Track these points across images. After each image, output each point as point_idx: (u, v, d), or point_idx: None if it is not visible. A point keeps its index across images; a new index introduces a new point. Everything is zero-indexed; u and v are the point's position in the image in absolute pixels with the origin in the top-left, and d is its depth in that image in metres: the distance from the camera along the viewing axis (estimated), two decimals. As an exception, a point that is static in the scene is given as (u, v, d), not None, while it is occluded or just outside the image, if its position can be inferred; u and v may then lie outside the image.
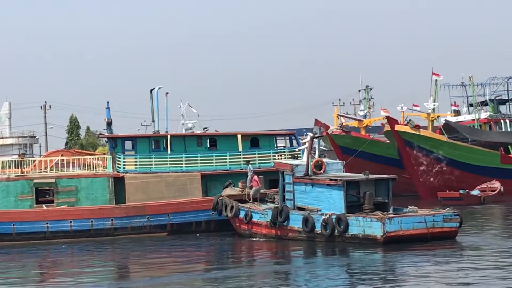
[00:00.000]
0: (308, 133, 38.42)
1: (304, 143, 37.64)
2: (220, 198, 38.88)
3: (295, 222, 35.31)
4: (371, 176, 35.15)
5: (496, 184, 57.50)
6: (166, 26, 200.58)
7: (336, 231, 33.40)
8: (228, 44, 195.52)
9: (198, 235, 39.22)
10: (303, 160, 37.19)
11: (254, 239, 36.95)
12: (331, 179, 34.93)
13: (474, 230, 37.53)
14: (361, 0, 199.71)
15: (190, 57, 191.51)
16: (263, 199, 38.93)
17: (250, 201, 38.36)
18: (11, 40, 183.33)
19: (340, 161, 39.53)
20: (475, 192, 56.64)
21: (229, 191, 39.36)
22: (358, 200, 34.68)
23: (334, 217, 33.52)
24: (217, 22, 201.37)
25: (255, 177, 39.32)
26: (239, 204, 38.14)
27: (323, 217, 33.88)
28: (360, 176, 35.44)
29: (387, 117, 62.68)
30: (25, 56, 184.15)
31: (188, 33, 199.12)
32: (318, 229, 34.15)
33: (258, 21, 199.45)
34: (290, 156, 41.77)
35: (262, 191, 39.30)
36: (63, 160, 42.97)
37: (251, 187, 38.88)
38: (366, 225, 32.72)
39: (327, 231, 33.63)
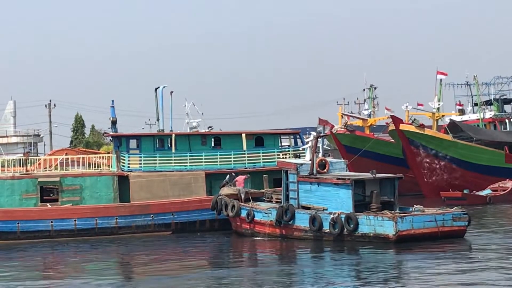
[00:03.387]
0: (312, 132, 38.42)
1: (308, 142, 37.64)
2: (220, 197, 38.89)
3: (301, 221, 35.29)
4: (378, 175, 35.16)
5: (509, 184, 57.18)
6: (171, 25, 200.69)
7: (345, 230, 33.42)
8: (233, 43, 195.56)
9: (198, 234, 39.22)
10: (306, 159, 37.20)
11: (257, 238, 36.91)
12: (338, 178, 34.91)
13: (480, 229, 37.57)
14: (363, 0, 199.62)
15: (195, 56, 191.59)
16: (260, 198, 38.99)
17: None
18: (16, 39, 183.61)
19: (343, 160, 39.54)
20: (487, 191, 56.34)
21: (227, 190, 39.38)
22: (363, 199, 34.69)
23: (343, 216, 33.52)
24: (222, 22, 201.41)
25: (240, 177, 39.53)
26: (240, 203, 38.16)
27: (332, 216, 33.85)
28: (365, 175, 35.45)
29: (392, 116, 62.64)
30: (30, 55, 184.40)
31: (193, 32, 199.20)
32: (326, 228, 34.13)
33: (263, 21, 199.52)
34: (293, 155, 41.80)
35: (264, 190, 39.41)
36: (67, 158, 43.01)
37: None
38: (377, 224, 32.73)
39: (336, 230, 33.62)
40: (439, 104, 66.13)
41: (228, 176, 40.43)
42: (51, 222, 39.14)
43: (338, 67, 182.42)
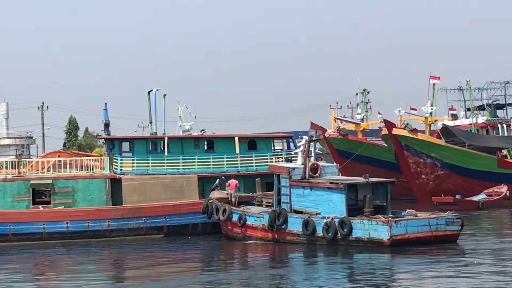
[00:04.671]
0: (304, 136, 38.42)
1: (300, 146, 37.61)
2: (210, 201, 38.86)
3: (294, 225, 35.23)
4: (370, 179, 35.18)
5: (503, 189, 57.15)
6: (165, 27, 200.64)
7: (339, 234, 33.42)
8: (226, 46, 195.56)
9: (189, 237, 39.18)
10: (298, 163, 37.16)
11: (249, 242, 36.83)
12: (332, 182, 34.91)
13: (473, 233, 37.66)
14: (358, 2, 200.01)
15: (188, 59, 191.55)
16: (250, 201, 38.97)
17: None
18: (9, 40, 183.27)
19: (335, 164, 39.51)
20: (481, 196, 56.33)
21: (217, 194, 39.35)
22: (356, 204, 34.69)
23: (336, 220, 33.53)
24: (214, 23, 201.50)
25: (232, 181, 39.54)
26: (232, 207, 38.12)
27: (325, 220, 33.83)
28: (358, 179, 35.45)
29: (385, 121, 62.65)
30: (23, 57, 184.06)
31: (187, 34, 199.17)
32: (319, 232, 34.11)
33: (255, 24, 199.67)
34: (284, 159, 41.81)
35: (255, 194, 39.39)
36: (60, 161, 42.95)
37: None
38: (371, 228, 32.75)
39: (330, 234, 33.61)
40: (432, 109, 66.20)
41: (218, 180, 40.42)
42: (43, 224, 39.05)
43: (331, 71, 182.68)
